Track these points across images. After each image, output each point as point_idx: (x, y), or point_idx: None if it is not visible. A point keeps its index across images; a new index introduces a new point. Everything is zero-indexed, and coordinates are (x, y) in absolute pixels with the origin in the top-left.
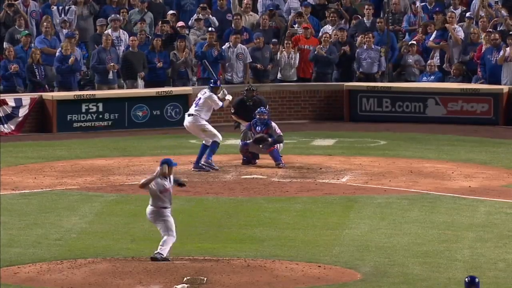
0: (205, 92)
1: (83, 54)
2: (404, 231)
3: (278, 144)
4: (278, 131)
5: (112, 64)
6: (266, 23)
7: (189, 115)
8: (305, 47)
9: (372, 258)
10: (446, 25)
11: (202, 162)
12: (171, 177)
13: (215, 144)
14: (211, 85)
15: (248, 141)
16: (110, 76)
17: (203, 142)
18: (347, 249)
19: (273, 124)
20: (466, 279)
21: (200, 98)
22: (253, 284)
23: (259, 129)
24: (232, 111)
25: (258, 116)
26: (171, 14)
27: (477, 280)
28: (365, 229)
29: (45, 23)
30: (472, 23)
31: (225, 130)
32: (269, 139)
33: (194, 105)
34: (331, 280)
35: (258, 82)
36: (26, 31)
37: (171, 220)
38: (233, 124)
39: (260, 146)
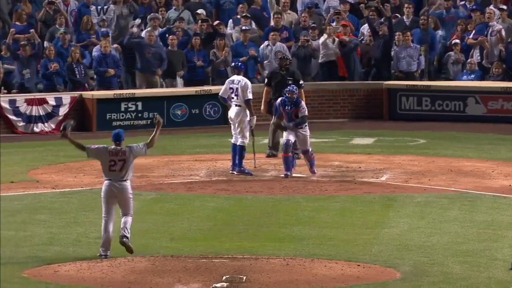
0: (239, 81)
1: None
2: (444, 230)
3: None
4: (304, 110)
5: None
6: (307, 21)
7: (236, 105)
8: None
9: (411, 257)
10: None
11: (236, 172)
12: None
13: (242, 149)
14: (240, 67)
15: (289, 139)
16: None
17: (232, 141)
18: (387, 248)
19: (303, 103)
20: None
21: (237, 89)
22: (292, 283)
23: (288, 108)
24: (265, 82)
25: (287, 95)
26: (200, 12)
27: None
28: (404, 228)
29: (85, 22)
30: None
31: (263, 129)
32: (290, 125)
33: (234, 96)
34: (371, 279)
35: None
36: (62, 29)
37: None
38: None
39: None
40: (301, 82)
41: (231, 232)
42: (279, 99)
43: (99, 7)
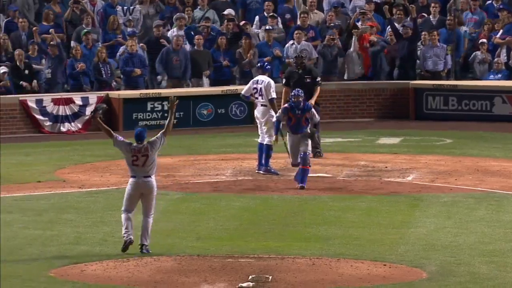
0: (263, 81)
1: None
2: (471, 230)
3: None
4: (316, 115)
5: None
6: (333, 20)
7: (262, 104)
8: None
9: (438, 257)
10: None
11: (262, 172)
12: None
13: (269, 148)
14: (265, 68)
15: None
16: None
17: (259, 140)
18: (413, 248)
19: (313, 109)
20: None
21: (260, 89)
22: (318, 283)
23: (299, 113)
24: (283, 82)
25: (293, 99)
26: (227, 13)
27: None
28: (431, 227)
29: (111, 22)
30: None
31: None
32: (314, 130)
33: (259, 96)
34: (397, 279)
35: (326, 80)
36: (85, 30)
37: None
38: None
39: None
40: (318, 79)
41: (257, 231)
42: (286, 104)
43: (125, 7)
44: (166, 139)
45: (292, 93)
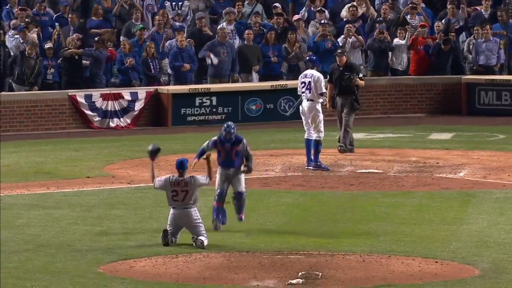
0: (312, 75)
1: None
2: None
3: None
4: (250, 149)
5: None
6: (387, 13)
7: (308, 99)
8: (422, 48)
9: (490, 254)
10: None
11: (312, 168)
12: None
13: (318, 144)
14: (316, 62)
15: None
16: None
17: (305, 136)
18: (465, 244)
19: (245, 140)
20: None
21: (309, 83)
22: (369, 280)
23: (228, 145)
24: (327, 79)
25: (224, 134)
26: (274, 6)
27: None
28: (483, 224)
29: (156, 17)
30: None
31: (331, 124)
32: (248, 166)
33: (306, 90)
34: (449, 276)
35: (375, 74)
36: (140, 25)
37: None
38: None
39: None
40: (360, 75)
41: (307, 228)
42: (215, 137)
43: (173, 3)
44: (209, 182)
45: (224, 127)
